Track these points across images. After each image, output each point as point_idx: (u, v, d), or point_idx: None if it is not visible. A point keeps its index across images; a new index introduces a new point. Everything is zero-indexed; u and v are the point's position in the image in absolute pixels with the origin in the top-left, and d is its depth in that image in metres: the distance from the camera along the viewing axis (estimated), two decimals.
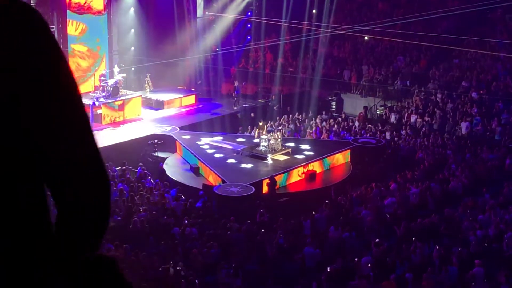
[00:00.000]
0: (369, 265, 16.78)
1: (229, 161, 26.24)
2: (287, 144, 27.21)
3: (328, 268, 16.66)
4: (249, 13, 38.78)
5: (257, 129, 27.03)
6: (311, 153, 26.89)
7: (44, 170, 1.87)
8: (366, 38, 37.43)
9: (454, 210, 20.54)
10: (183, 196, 22.43)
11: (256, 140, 27.09)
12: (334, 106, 35.44)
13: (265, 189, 23.56)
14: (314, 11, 36.93)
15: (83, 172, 1.88)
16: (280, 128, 28.37)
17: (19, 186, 1.84)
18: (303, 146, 27.67)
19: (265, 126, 27.21)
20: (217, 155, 26.76)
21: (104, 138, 28.72)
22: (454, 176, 23.65)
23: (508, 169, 24.58)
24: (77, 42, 31.45)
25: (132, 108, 31.71)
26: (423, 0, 36.74)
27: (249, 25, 39.03)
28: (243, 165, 25.83)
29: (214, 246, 17.81)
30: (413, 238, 18.14)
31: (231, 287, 16.23)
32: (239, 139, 28.98)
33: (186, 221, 19.53)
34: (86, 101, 30.16)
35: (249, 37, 39.03)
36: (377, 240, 18.06)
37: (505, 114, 28.73)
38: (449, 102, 30.89)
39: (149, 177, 24.24)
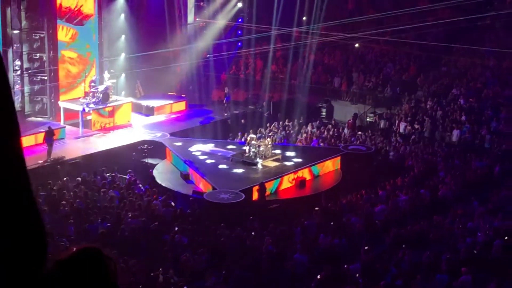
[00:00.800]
0: (357, 274, 16.78)
1: (220, 167, 26.23)
2: (277, 151, 27.22)
3: (318, 276, 16.65)
4: (239, 20, 38.82)
5: (250, 135, 26.99)
6: (301, 159, 26.91)
7: None
8: (356, 45, 37.55)
9: (444, 217, 20.59)
10: (172, 203, 22.39)
11: (245, 149, 27.06)
12: (324, 113, 35.51)
13: (255, 195, 23.55)
14: (304, 18, 37.01)
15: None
16: (270, 134, 28.37)
17: None
18: (293, 153, 27.69)
19: (256, 132, 27.21)
20: (207, 162, 26.74)
21: (94, 144, 28.68)
22: (444, 183, 23.72)
23: (497, 176, 24.67)
24: (67, 48, 31.37)
25: (122, 114, 31.65)
26: (413, 8, 36.85)
27: (239, 32, 39.07)
28: (233, 172, 25.82)
29: (204, 252, 17.79)
30: (403, 245, 18.17)
31: None
32: (230, 146, 28.97)
33: (176, 228, 19.50)
34: (76, 107, 30.15)
35: (239, 44, 39.06)
36: (366, 247, 18.08)
37: (494, 122, 28.86)
38: (438, 110, 31.00)
39: (139, 184, 24.20)
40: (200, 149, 28.20)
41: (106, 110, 30.93)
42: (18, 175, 1.91)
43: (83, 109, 29.85)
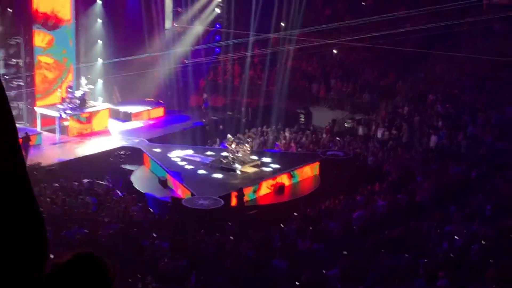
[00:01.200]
0: (336, 279, 16.79)
1: (198, 173, 26.17)
2: (255, 157, 27.20)
3: (297, 282, 16.65)
4: (218, 26, 38.79)
5: (229, 141, 26.97)
6: (280, 165, 26.91)
7: None
8: (334, 51, 37.66)
9: (421, 222, 20.68)
10: (151, 209, 22.29)
11: (224, 155, 27.03)
12: (302, 119, 35.55)
13: (234, 201, 23.51)
14: (282, 24, 37.06)
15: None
16: (249, 140, 28.36)
17: None
18: (272, 159, 27.67)
19: (235, 138, 27.18)
20: (186, 168, 26.67)
21: (71, 150, 28.51)
22: (421, 188, 23.83)
23: (474, 181, 24.83)
24: (43, 54, 31.20)
25: (100, 121, 31.51)
26: (391, 14, 37.04)
27: (218, 37, 39.03)
28: (212, 178, 25.76)
29: (183, 258, 17.72)
30: (382, 250, 18.22)
31: None
32: (208, 152, 28.89)
33: (155, 234, 19.41)
34: (53, 113, 29.95)
35: (218, 50, 39.02)
36: (345, 252, 18.11)
37: (470, 127, 29.05)
38: (416, 115, 31.15)
39: (117, 190, 24.07)
40: (179, 155, 28.11)
41: (83, 116, 30.76)
42: (19, 172, 1.91)
43: (60, 115, 29.66)
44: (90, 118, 31.02)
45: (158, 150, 28.64)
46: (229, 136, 27.50)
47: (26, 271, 1.88)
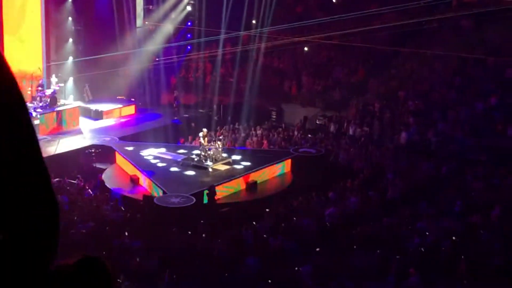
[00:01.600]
0: (308, 276, 16.86)
1: (170, 171, 26.11)
2: (227, 154, 27.21)
3: (269, 280, 16.69)
4: (189, 23, 38.69)
5: (201, 138, 26.93)
6: (252, 163, 26.94)
7: None
8: (306, 48, 37.76)
9: (392, 218, 20.83)
10: (122, 207, 22.20)
11: (197, 151, 27.02)
12: (274, 116, 35.61)
13: (205, 199, 23.49)
14: (253, 21, 37.06)
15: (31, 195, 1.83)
16: (220, 138, 28.35)
17: None
18: (243, 156, 27.68)
19: (206, 136, 27.14)
20: (157, 166, 26.60)
21: (42, 149, 28.21)
22: (392, 185, 23.99)
23: (444, 177, 25.05)
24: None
25: (70, 119, 31.27)
26: (362, 12, 37.22)
27: (189, 35, 38.93)
28: (184, 176, 25.72)
29: (155, 256, 17.67)
30: (354, 247, 18.33)
31: None
32: (180, 150, 28.83)
33: (126, 233, 19.33)
34: None
35: (189, 47, 38.93)
36: (317, 249, 18.19)
37: (441, 124, 29.29)
38: (387, 112, 31.35)
39: (88, 188, 23.93)
40: (150, 153, 28.03)
41: (54, 114, 30.52)
42: (32, 146, 1.90)
43: (30, 114, 29.34)
44: (60, 116, 30.77)
45: (129, 148, 28.52)
46: (204, 129, 27.44)
47: (42, 263, 1.86)
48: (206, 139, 26.67)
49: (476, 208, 21.28)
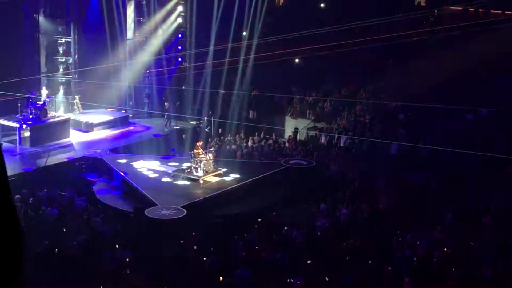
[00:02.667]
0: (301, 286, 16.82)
1: (161, 183, 26.07)
2: (218, 166, 27.20)
3: None
4: (180, 35, 38.74)
5: (193, 151, 26.95)
6: (243, 174, 26.93)
7: None
8: (297, 60, 37.86)
9: (384, 230, 20.83)
10: (114, 220, 22.12)
11: (187, 164, 27.00)
12: (265, 128, 35.63)
13: (197, 211, 23.47)
14: (244, 33, 37.14)
15: None
16: (211, 149, 28.36)
17: None
18: (234, 168, 27.68)
19: (197, 148, 27.15)
20: (148, 178, 26.57)
21: (32, 161, 28.17)
22: (383, 196, 24.01)
23: (435, 188, 25.10)
24: None
25: (61, 131, 31.17)
26: (350, 24, 37.36)
27: (180, 47, 38.99)
28: (175, 188, 25.69)
29: (146, 269, 17.61)
30: (345, 258, 18.31)
31: None
32: (171, 161, 28.82)
33: (117, 245, 19.25)
34: (13, 124, 29.58)
35: (180, 59, 39.00)
36: (309, 261, 18.16)
37: (431, 135, 29.38)
38: (377, 123, 31.44)
39: (79, 201, 23.83)
40: (141, 165, 28.00)
41: (44, 126, 30.43)
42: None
43: (21, 126, 29.30)
44: (51, 128, 30.68)
45: (120, 160, 28.49)
46: (200, 142, 27.57)
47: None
48: (197, 151, 26.69)
49: (466, 219, 21.33)
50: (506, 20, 33.70)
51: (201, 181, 25.93)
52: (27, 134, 29.74)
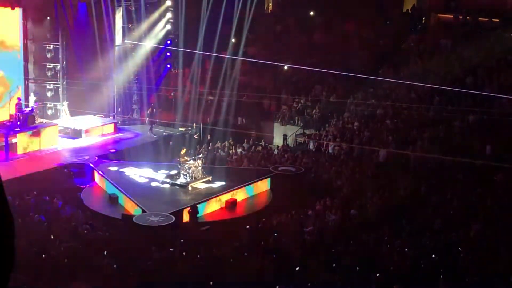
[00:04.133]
0: None
1: (149, 190, 26.00)
2: (207, 173, 27.15)
3: None
4: (168, 42, 38.70)
5: (180, 157, 26.91)
6: (231, 181, 26.89)
7: None
8: (285, 67, 37.90)
9: (372, 236, 20.84)
10: (101, 227, 22.03)
11: (175, 171, 26.92)
12: (254, 135, 35.63)
13: (186, 218, 23.42)
14: (233, 40, 37.13)
15: None
16: (200, 156, 28.32)
17: None
18: (223, 175, 27.62)
19: (186, 154, 27.13)
20: (136, 184, 26.49)
21: (20, 168, 28.03)
22: (371, 202, 24.03)
23: (423, 194, 25.13)
24: None
25: (49, 137, 31.06)
26: (340, 31, 37.50)
27: (168, 54, 38.96)
28: (163, 194, 25.63)
29: (134, 276, 17.55)
30: (333, 265, 18.31)
31: None
32: (160, 168, 28.72)
33: (105, 252, 19.18)
34: (0, 130, 29.44)
35: (168, 66, 38.96)
36: (298, 268, 18.14)
37: (419, 141, 29.43)
38: (365, 130, 31.48)
39: (67, 207, 23.74)
40: (129, 171, 27.92)
41: (32, 132, 30.32)
42: None
43: (9, 132, 29.18)
44: (38, 134, 30.56)
45: (108, 166, 28.40)
46: (185, 149, 27.55)
47: None
48: (185, 157, 26.66)
49: (455, 225, 21.37)
50: (493, 28, 33.93)
51: (190, 188, 25.87)
52: (14, 140, 29.60)
